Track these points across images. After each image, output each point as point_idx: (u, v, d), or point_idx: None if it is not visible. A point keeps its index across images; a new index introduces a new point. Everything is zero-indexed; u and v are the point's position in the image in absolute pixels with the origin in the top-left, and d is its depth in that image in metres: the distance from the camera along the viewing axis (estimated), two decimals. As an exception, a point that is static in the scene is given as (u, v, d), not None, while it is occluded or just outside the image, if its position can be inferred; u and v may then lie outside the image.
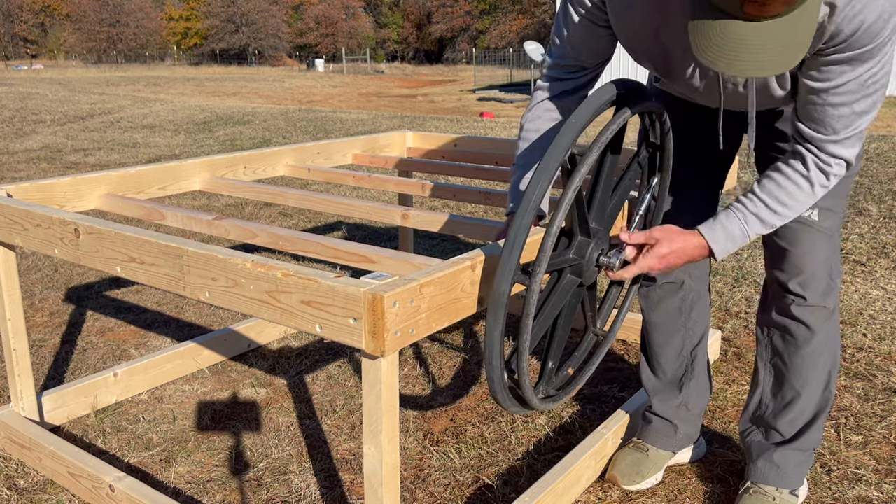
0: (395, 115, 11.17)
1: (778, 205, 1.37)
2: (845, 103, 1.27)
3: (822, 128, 1.31)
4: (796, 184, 1.36)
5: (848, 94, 1.26)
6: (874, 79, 1.24)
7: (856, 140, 1.32)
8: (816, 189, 1.36)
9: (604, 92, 1.32)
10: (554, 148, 1.23)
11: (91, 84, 20.97)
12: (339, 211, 2.06)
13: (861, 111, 1.28)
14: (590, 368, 1.62)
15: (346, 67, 39.79)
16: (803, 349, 1.62)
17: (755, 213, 1.39)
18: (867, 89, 1.25)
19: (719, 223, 1.40)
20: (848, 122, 1.29)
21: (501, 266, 1.22)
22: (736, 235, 1.40)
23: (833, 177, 1.35)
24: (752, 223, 1.39)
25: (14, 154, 7.67)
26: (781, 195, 1.37)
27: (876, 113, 1.30)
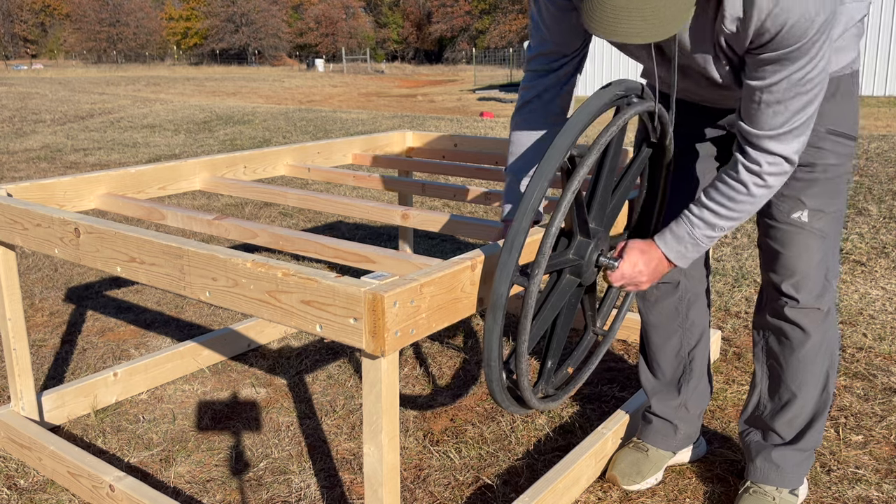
0: (395, 115, 11.17)
1: (720, 207, 1.43)
2: (780, 101, 1.31)
3: (757, 124, 1.35)
4: (733, 188, 1.41)
5: (781, 92, 1.30)
6: (807, 77, 1.28)
7: (792, 137, 1.34)
8: (753, 190, 1.39)
9: (604, 94, 1.32)
10: (553, 150, 1.24)
11: (91, 84, 20.97)
12: (339, 211, 2.06)
13: (796, 109, 1.31)
14: (589, 368, 1.62)
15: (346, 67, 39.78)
16: (798, 351, 1.62)
17: (700, 218, 1.45)
18: (801, 87, 1.29)
19: (669, 230, 1.48)
20: (782, 120, 1.32)
21: (500, 268, 1.22)
22: (685, 239, 1.46)
23: (769, 176, 1.37)
24: (698, 227, 1.45)
25: (14, 154, 7.67)
26: (721, 199, 1.42)
27: (813, 111, 1.32)
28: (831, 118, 1.51)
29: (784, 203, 1.56)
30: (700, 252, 1.48)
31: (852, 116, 1.54)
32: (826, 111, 1.50)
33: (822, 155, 1.52)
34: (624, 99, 1.38)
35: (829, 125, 1.51)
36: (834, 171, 1.53)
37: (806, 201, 1.54)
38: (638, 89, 1.41)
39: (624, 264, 1.46)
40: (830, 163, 1.52)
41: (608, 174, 1.42)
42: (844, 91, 1.52)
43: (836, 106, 1.51)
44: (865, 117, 11.26)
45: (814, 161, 1.52)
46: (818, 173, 1.53)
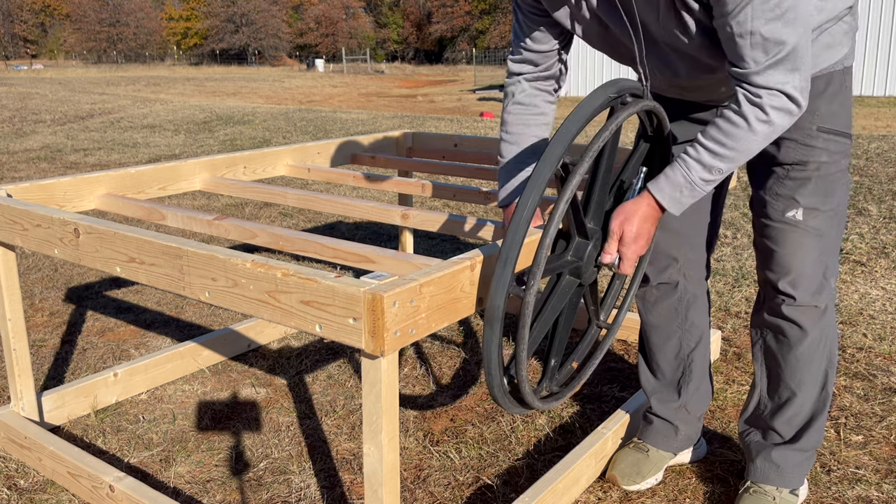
0: (395, 115, 11.17)
1: (718, 146, 1.37)
2: (751, 32, 1.28)
3: (742, 61, 1.32)
4: (732, 122, 1.35)
5: (749, 20, 1.27)
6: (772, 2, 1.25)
7: (783, 69, 1.30)
8: (754, 124, 1.34)
9: (595, 97, 1.32)
10: (544, 160, 1.24)
11: (91, 84, 20.97)
12: (339, 211, 2.06)
13: (771, 36, 1.27)
14: (594, 362, 1.63)
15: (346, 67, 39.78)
16: (796, 349, 1.62)
17: (697, 159, 1.39)
18: (770, 12, 1.26)
19: (663, 175, 1.42)
20: (764, 49, 1.29)
21: (495, 281, 1.23)
22: (680, 183, 1.40)
23: (770, 109, 1.32)
24: (694, 169, 1.39)
25: (14, 154, 7.67)
26: (719, 136, 1.37)
27: (797, 42, 1.28)
28: (822, 116, 1.51)
29: (779, 202, 1.56)
30: (695, 198, 1.42)
31: (845, 114, 1.53)
32: (816, 109, 1.50)
33: (814, 153, 1.52)
34: (618, 100, 1.37)
35: (820, 123, 1.50)
36: (827, 169, 1.53)
37: (800, 200, 1.54)
38: (633, 88, 1.40)
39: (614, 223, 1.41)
40: (823, 160, 1.52)
41: (605, 174, 1.42)
42: (835, 88, 1.51)
43: (826, 103, 1.51)
44: (865, 117, 11.26)
45: (806, 159, 1.52)
46: (811, 171, 1.53)
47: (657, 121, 1.49)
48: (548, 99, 1.67)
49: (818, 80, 1.50)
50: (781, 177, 1.55)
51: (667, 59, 1.49)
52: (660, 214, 1.44)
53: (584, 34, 1.57)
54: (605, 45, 1.56)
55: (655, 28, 1.43)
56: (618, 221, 1.42)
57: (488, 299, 1.24)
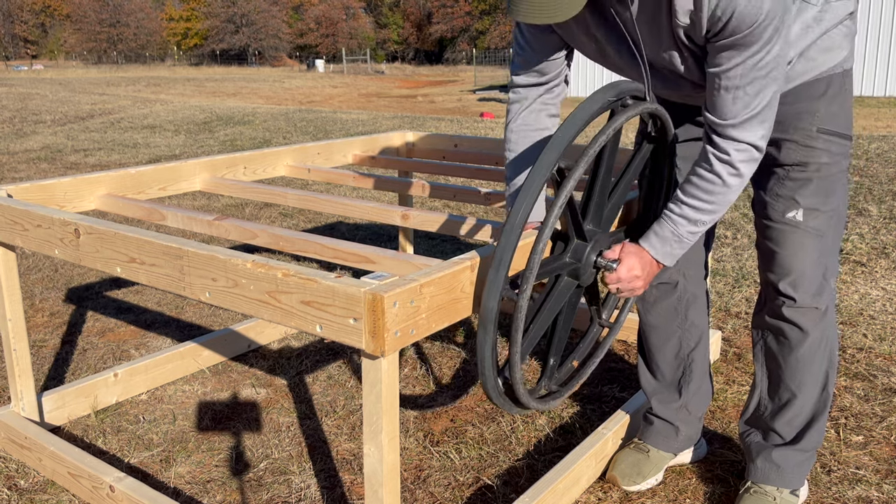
0: (396, 116, 11.17)
1: (698, 202, 1.44)
2: (738, 87, 1.34)
3: (720, 112, 1.38)
4: (707, 181, 1.43)
5: (738, 77, 1.34)
6: (762, 63, 1.31)
7: (756, 123, 1.37)
8: (728, 180, 1.41)
9: (593, 101, 1.32)
10: (538, 166, 1.25)
11: (91, 84, 20.98)
12: (339, 211, 2.06)
13: (753, 94, 1.34)
14: (594, 361, 1.63)
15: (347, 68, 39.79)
16: (797, 350, 1.62)
17: (681, 215, 1.47)
18: (757, 72, 1.32)
19: (652, 231, 1.50)
20: (742, 105, 1.36)
21: (488, 284, 1.24)
22: (669, 238, 1.48)
23: (740, 163, 1.39)
24: (680, 224, 1.47)
25: (14, 154, 7.67)
26: (698, 193, 1.44)
27: (772, 96, 1.35)
28: (822, 117, 1.51)
29: (779, 203, 1.56)
30: (685, 249, 1.50)
31: (845, 115, 1.54)
32: (816, 110, 1.51)
33: (815, 154, 1.52)
34: (617, 103, 1.37)
35: (820, 124, 1.51)
36: (827, 170, 1.53)
37: (800, 200, 1.54)
38: (634, 91, 1.40)
39: (621, 269, 1.47)
40: (823, 161, 1.53)
41: (604, 176, 1.42)
42: (835, 90, 1.52)
43: (826, 105, 1.51)
44: (865, 117, 11.26)
45: (806, 160, 1.53)
46: (811, 172, 1.53)
47: (660, 123, 1.49)
48: (551, 112, 1.67)
49: (818, 83, 1.51)
50: (782, 178, 1.56)
51: (671, 80, 1.52)
52: (658, 267, 1.52)
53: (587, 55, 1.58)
54: (606, 63, 1.57)
55: (658, 60, 1.46)
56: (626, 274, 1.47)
57: (482, 302, 1.24)
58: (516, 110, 1.67)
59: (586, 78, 17.16)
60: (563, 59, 1.61)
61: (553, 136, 1.28)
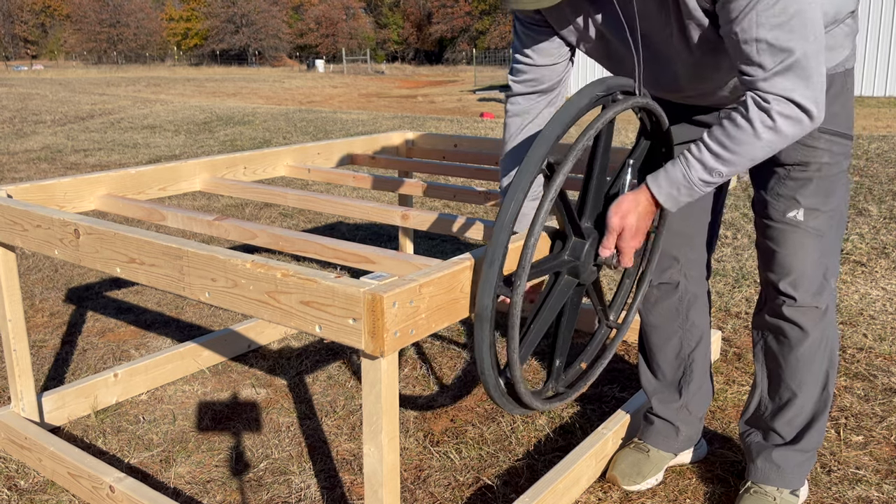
0: (396, 116, 11.17)
1: (721, 149, 1.35)
2: (757, 38, 1.27)
3: (750, 67, 1.30)
4: (738, 126, 1.33)
5: (753, 27, 1.26)
6: (775, 9, 1.24)
7: (792, 76, 1.28)
8: (759, 129, 1.31)
9: (580, 97, 1.31)
10: (527, 162, 1.25)
11: (91, 84, 20.98)
12: (339, 211, 2.06)
13: (776, 43, 1.26)
14: (603, 362, 1.63)
15: (347, 68, 39.79)
16: (797, 350, 1.62)
17: (698, 159, 1.37)
18: (773, 18, 1.25)
19: (663, 171, 1.40)
20: (771, 55, 1.27)
21: (482, 282, 1.24)
22: (678, 181, 1.38)
23: (777, 115, 1.29)
24: (694, 168, 1.37)
25: (14, 154, 7.67)
26: (723, 138, 1.34)
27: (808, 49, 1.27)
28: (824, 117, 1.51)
29: (780, 202, 1.56)
30: (693, 197, 1.40)
31: (846, 115, 1.54)
32: None
33: (816, 154, 1.52)
34: (607, 97, 1.36)
35: (822, 124, 1.51)
36: (828, 170, 1.53)
37: (801, 200, 1.54)
38: (624, 86, 1.40)
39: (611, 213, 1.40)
40: (824, 161, 1.52)
41: (599, 173, 1.42)
42: (837, 89, 1.52)
43: (828, 105, 1.51)
44: (865, 117, 11.26)
45: (807, 160, 1.53)
46: (812, 172, 1.53)
47: (654, 118, 1.49)
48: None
49: None
50: (783, 177, 1.56)
51: (669, 69, 1.50)
52: (655, 210, 1.43)
53: (588, 50, 1.57)
54: (608, 60, 1.56)
55: (660, 39, 1.43)
56: (617, 217, 1.41)
57: (477, 300, 1.24)
58: (517, 126, 1.64)
59: (586, 79, 17.16)
60: (563, 64, 1.59)
61: (541, 132, 1.27)
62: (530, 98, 1.63)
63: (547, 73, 1.60)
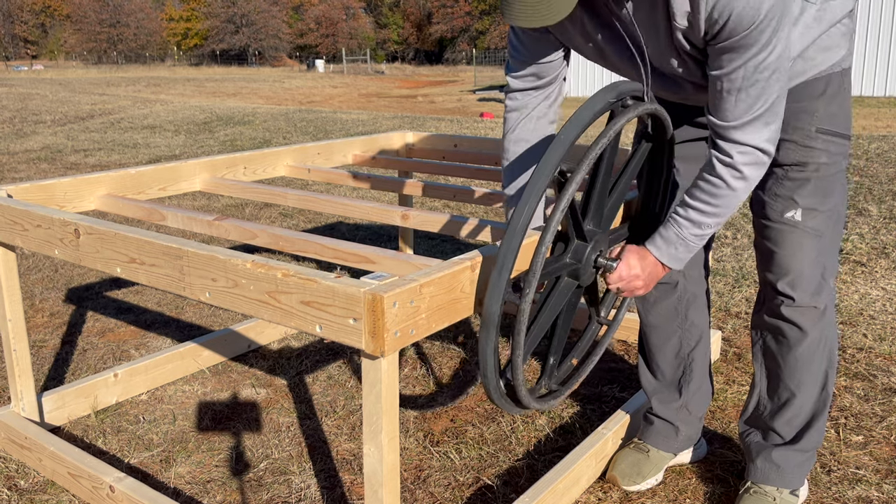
0: (396, 116, 11.17)
1: (704, 205, 1.45)
2: (740, 88, 1.33)
3: (722, 114, 1.37)
4: (711, 184, 1.42)
5: (739, 80, 1.33)
6: (764, 64, 1.30)
7: (760, 125, 1.36)
8: (733, 183, 1.40)
9: (594, 103, 1.31)
10: (540, 169, 1.25)
11: (91, 84, 20.98)
12: (339, 211, 2.06)
13: (756, 96, 1.33)
14: (593, 359, 1.64)
15: (347, 68, 39.79)
16: (796, 350, 1.62)
17: (686, 218, 1.47)
18: (758, 74, 1.31)
19: (658, 235, 1.51)
20: (744, 108, 1.34)
21: (490, 288, 1.24)
22: (674, 241, 1.49)
23: (743, 166, 1.38)
24: (685, 227, 1.47)
25: (14, 154, 7.67)
26: (703, 196, 1.44)
27: (776, 98, 1.34)
28: (821, 117, 1.51)
29: (778, 203, 1.56)
30: (691, 252, 1.50)
31: (844, 115, 1.54)
32: (815, 110, 1.51)
33: (814, 154, 1.52)
34: (618, 103, 1.37)
35: (819, 124, 1.51)
36: (826, 170, 1.53)
37: (799, 200, 1.54)
38: (634, 91, 1.40)
39: (621, 267, 1.48)
40: (822, 161, 1.52)
41: (604, 176, 1.42)
42: (834, 89, 1.52)
43: (825, 104, 1.51)
44: (865, 117, 11.26)
45: (805, 160, 1.53)
46: (810, 172, 1.53)
47: (660, 123, 1.49)
48: (551, 119, 1.67)
49: (817, 82, 1.50)
50: (780, 177, 1.56)
51: (671, 81, 1.51)
52: (663, 270, 1.53)
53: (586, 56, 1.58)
54: (605, 63, 1.57)
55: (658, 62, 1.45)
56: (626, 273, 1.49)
57: (484, 306, 1.25)
58: (515, 119, 1.65)
59: (586, 78, 17.16)
60: (560, 60, 1.60)
61: (555, 137, 1.27)
62: (528, 94, 1.64)
63: (544, 69, 1.60)
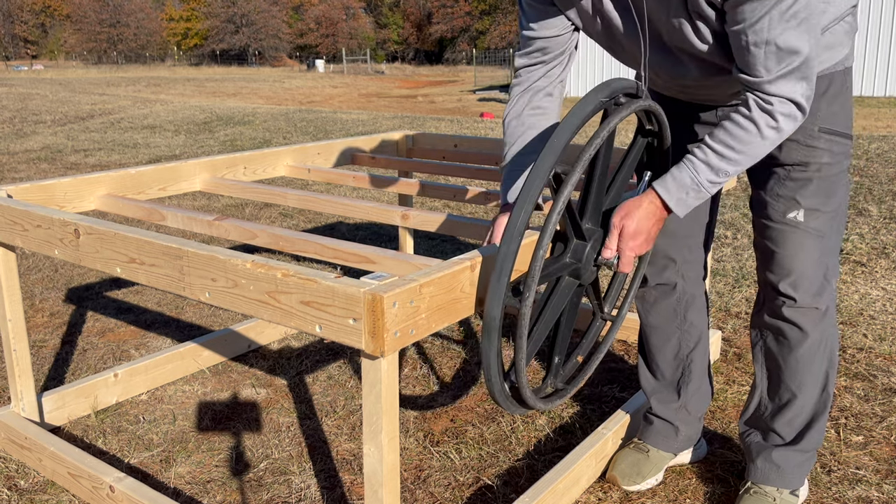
0: (396, 116, 11.17)
1: (726, 149, 1.37)
2: (767, 41, 1.28)
3: (755, 70, 1.31)
4: (742, 127, 1.35)
5: (765, 30, 1.27)
6: (791, 11, 1.25)
7: (794, 78, 1.30)
8: (763, 130, 1.34)
9: (586, 104, 1.31)
10: (535, 172, 1.24)
11: (91, 84, 20.98)
12: (339, 211, 2.06)
13: (786, 46, 1.28)
14: (598, 356, 1.64)
15: (347, 68, 39.79)
16: (797, 350, 1.61)
17: (704, 161, 1.39)
18: (787, 23, 1.26)
19: (670, 175, 1.41)
20: (778, 59, 1.29)
21: (490, 293, 1.24)
22: (687, 184, 1.40)
23: (780, 116, 1.32)
24: (701, 171, 1.39)
25: (14, 154, 7.67)
26: (728, 140, 1.37)
27: (808, 51, 1.28)
28: (823, 117, 1.50)
29: (779, 203, 1.56)
30: (700, 199, 1.42)
31: (846, 114, 1.53)
32: (817, 109, 1.50)
33: (816, 154, 1.52)
34: (610, 102, 1.37)
35: (822, 123, 1.50)
36: (828, 170, 1.53)
37: (801, 201, 1.54)
38: (627, 88, 1.40)
39: (615, 216, 1.41)
40: (825, 161, 1.52)
41: (600, 175, 1.42)
42: (836, 88, 1.51)
43: (827, 104, 1.50)
44: (866, 117, 11.26)
45: (807, 160, 1.52)
46: (812, 172, 1.52)
47: (655, 119, 1.49)
48: (548, 92, 1.63)
49: (820, 81, 1.50)
50: (782, 178, 1.55)
51: (677, 60, 1.48)
52: (664, 215, 1.44)
53: (591, 32, 1.55)
54: (611, 43, 1.55)
55: (668, 31, 1.42)
56: (619, 217, 1.42)
57: (485, 311, 1.25)
58: (514, 94, 1.64)
59: (586, 78, 17.16)
60: (568, 35, 1.57)
61: (548, 142, 1.27)
62: (530, 69, 1.62)
63: (551, 43, 1.57)
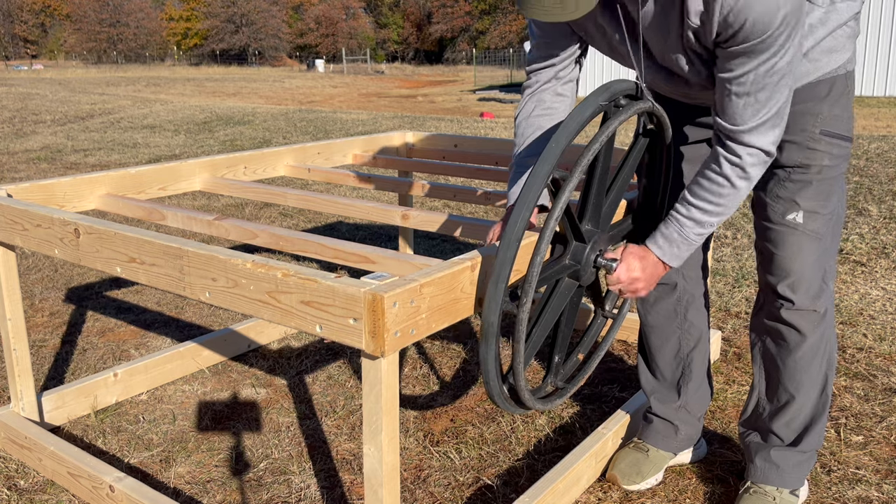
0: (396, 116, 11.17)
1: (706, 204, 1.45)
2: (749, 93, 1.34)
3: (732, 118, 1.38)
4: (716, 183, 1.43)
5: (749, 84, 1.33)
6: (774, 69, 1.31)
7: (767, 129, 1.37)
8: (737, 183, 1.41)
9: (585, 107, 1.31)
10: (532, 178, 1.25)
11: (91, 84, 20.97)
12: (339, 211, 2.06)
13: (765, 101, 1.34)
14: (599, 354, 1.64)
15: (347, 68, 39.79)
16: (795, 353, 1.62)
17: (688, 217, 1.47)
18: (768, 79, 1.32)
19: (659, 233, 1.51)
20: (754, 111, 1.35)
21: (488, 299, 1.24)
22: (676, 240, 1.49)
23: (750, 167, 1.40)
24: (687, 226, 1.47)
25: (14, 154, 7.67)
26: (707, 196, 1.45)
27: (784, 102, 1.35)
28: (825, 119, 1.51)
29: (779, 205, 1.56)
30: (692, 249, 1.50)
31: (847, 117, 1.54)
32: (819, 112, 1.50)
33: (817, 156, 1.52)
34: (610, 105, 1.37)
35: (823, 126, 1.51)
36: (828, 173, 1.53)
37: (800, 203, 1.54)
38: (627, 90, 1.40)
39: (621, 269, 1.47)
40: (825, 164, 1.52)
41: (600, 178, 1.42)
42: (838, 92, 1.51)
43: (829, 107, 1.51)
44: (866, 117, 11.26)
45: (808, 162, 1.52)
46: (812, 174, 1.53)
47: (656, 119, 1.49)
48: (558, 92, 1.65)
49: (821, 84, 1.50)
50: (782, 179, 1.55)
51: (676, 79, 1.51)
52: (664, 269, 1.52)
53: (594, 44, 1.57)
54: (613, 54, 1.56)
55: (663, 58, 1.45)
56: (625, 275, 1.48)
57: (483, 316, 1.25)
58: (525, 95, 1.66)
59: (586, 78, 17.16)
60: (576, 39, 1.59)
61: (546, 147, 1.27)
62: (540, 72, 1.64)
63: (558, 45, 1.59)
